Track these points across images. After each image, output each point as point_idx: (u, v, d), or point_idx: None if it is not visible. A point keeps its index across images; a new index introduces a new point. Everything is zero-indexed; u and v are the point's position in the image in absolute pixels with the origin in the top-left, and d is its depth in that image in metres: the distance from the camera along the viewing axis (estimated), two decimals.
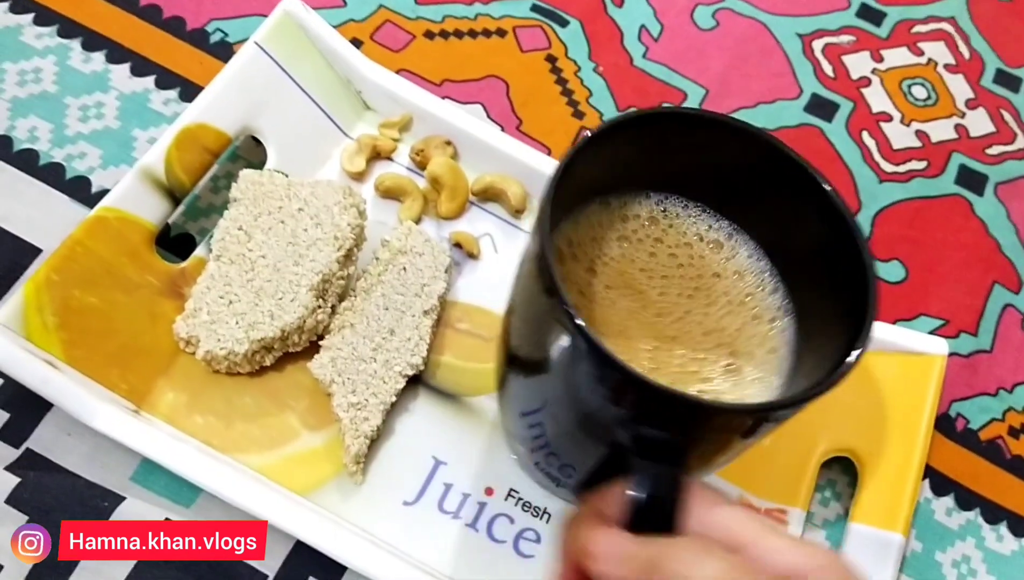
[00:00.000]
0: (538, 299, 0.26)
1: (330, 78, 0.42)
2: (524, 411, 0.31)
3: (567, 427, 0.30)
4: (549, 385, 0.28)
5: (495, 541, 0.34)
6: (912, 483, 0.36)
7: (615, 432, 0.29)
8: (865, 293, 0.27)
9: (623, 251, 0.31)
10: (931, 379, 0.39)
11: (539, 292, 0.26)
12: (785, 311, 0.30)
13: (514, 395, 0.32)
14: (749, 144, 0.29)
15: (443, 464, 0.35)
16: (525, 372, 0.30)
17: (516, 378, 0.31)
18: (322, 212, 0.36)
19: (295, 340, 0.35)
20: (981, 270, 0.46)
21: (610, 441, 0.29)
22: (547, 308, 0.25)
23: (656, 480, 0.26)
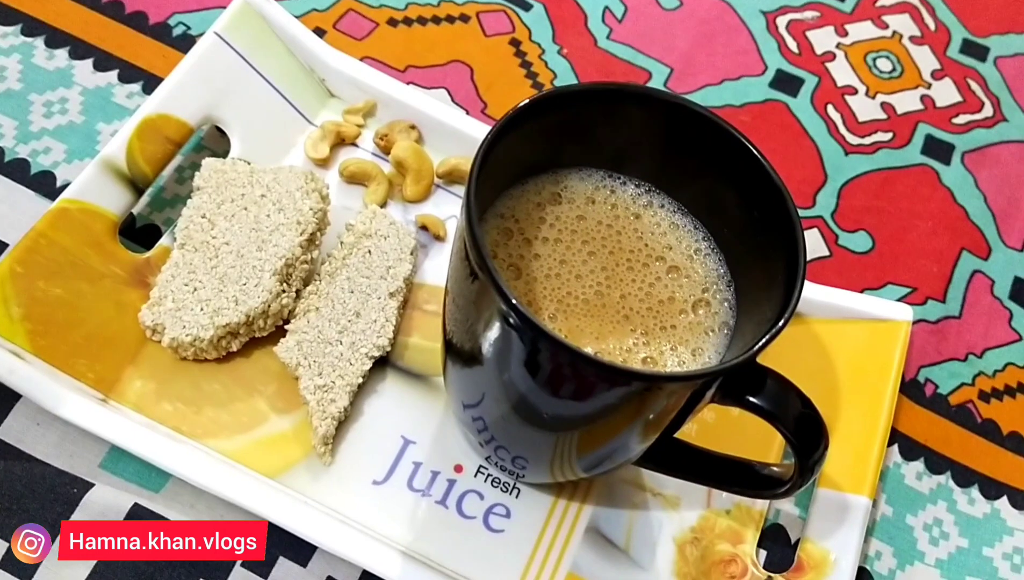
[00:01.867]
0: (468, 279, 0.26)
1: (292, 67, 0.42)
2: (466, 403, 0.31)
3: (511, 419, 0.30)
4: (487, 374, 0.29)
5: (464, 517, 0.34)
6: (878, 446, 0.36)
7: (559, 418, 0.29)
8: (795, 260, 0.27)
9: (561, 230, 0.31)
10: (896, 344, 0.39)
11: (468, 272, 0.26)
12: (726, 285, 0.31)
13: (455, 386, 0.32)
14: (678, 115, 0.30)
15: (412, 443, 0.35)
16: (463, 361, 0.30)
17: (455, 367, 0.31)
18: (284, 198, 0.36)
19: (261, 325, 0.35)
20: (949, 238, 0.46)
21: (555, 427, 0.30)
22: (478, 288, 0.26)
23: None
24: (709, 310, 0.30)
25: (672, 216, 0.32)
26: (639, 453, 0.31)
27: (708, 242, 0.32)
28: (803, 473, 0.28)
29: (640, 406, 0.27)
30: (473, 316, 0.28)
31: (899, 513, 0.38)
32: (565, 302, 0.30)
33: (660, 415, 0.28)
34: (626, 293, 0.30)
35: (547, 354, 0.26)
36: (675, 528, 0.35)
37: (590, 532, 0.35)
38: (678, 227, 0.32)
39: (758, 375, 0.28)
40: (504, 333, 0.26)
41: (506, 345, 0.27)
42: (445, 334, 0.31)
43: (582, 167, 0.32)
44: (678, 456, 0.32)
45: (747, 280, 0.30)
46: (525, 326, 0.25)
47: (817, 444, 0.27)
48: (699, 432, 0.37)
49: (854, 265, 0.45)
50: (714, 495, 0.36)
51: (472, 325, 0.28)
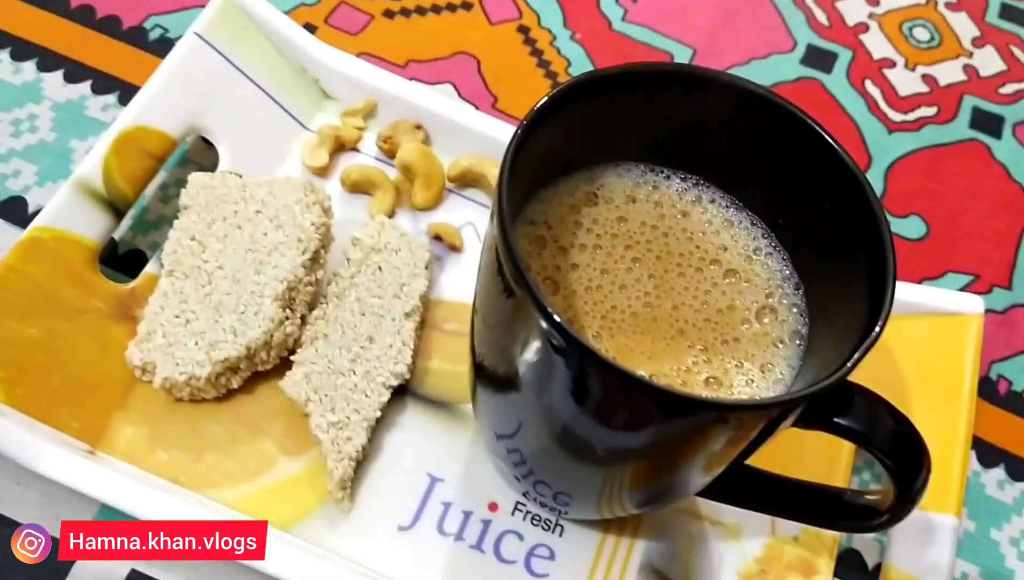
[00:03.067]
0: (501, 295, 0.22)
1: (282, 67, 0.38)
2: (500, 434, 0.28)
3: (552, 451, 0.26)
4: (525, 401, 0.25)
5: (504, 562, 0.30)
6: (960, 457, 0.32)
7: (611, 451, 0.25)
8: (883, 256, 0.23)
9: (600, 234, 0.27)
10: (968, 340, 0.35)
11: (501, 287, 0.22)
12: (793, 288, 0.27)
13: (487, 414, 0.28)
14: (732, 98, 0.26)
15: (440, 481, 0.31)
16: (496, 387, 0.26)
17: (487, 394, 0.27)
18: (282, 213, 0.33)
19: (263, 357, 0.31)
20: (1009, 218, 0.43)
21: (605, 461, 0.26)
22: (513, 305, 0.22)
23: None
24: (776, 318, 0.27)
25: (725, 212, 0.28)
26: (702, 486, 0.27)
27: (768, 240, 0.28)
28: (904, 502, 0.24)
29: (706, 437, 0.23)
30: (507, 337, 0.24)
31: (982, 527, 0.34)
32: (610, 317, 0.26)
33: (728, 446, 0.24)
34: (679, 303, 0.26)
35: (596, 380, 0.22)
36: (738, 560, 0.32)
37: (644, 570, 0.31)
38: (732, 224, 0.28)
39: (843, 393, 0.24)
40: (545, 356, 0.22)
41: (547, 369, 0.23)
42: (474, 357, 0.27)
43: (619, 162, 0.28)
44: (746, 484, 0.28)
45: (818, 281, 0.26)
46: (570, 348, 0.21)
47: (919, 468, 0.24)
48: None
49: (908, 253, 0.41)
50: (779, 521, 0.32)
51: (507, 347, 0.24)
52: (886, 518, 0.25)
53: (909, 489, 0.24)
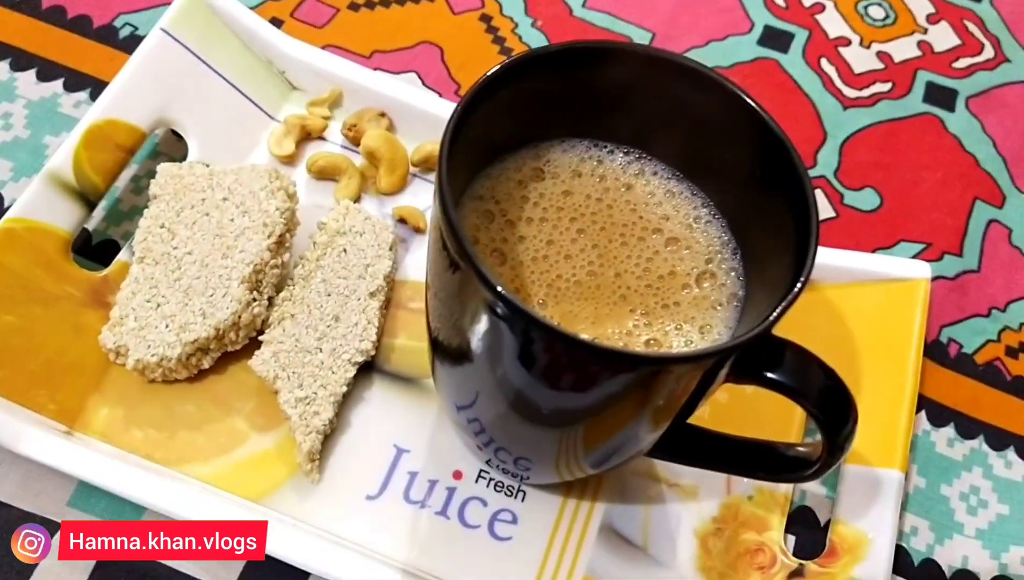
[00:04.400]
0: (448, 270, 0.23)
1: (249, 60, 0.39)
2: (460, 405, 0.29)
3: (509, 417, 0.28)
4: (479, 371, 0.26)
5: (468, 527, 0.32)
6: (906, 415, 0.34)
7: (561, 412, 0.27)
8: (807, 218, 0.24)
9: (546, 208, 0.28)
10: (916, 304, 0.36)
11: (448, 262, 0.23)
12: (731, 253, 0.28)
13: (446, 387, 0.30)
14: (667, 73, 0.27)
15: (406, 452, 0.33)
16: (451, 359, 0.27)
17: (444, 367, 0.28)
18: (248, 199, 0.34)
19: (232, 338, 0.32)
20: (960, 188, 0.44)
21: (557, 422, 0.27)
22: (460, 278, 0.23)
23: None
24: (715, 282, 0.28)
25: (667, 183, 0.29)
26: (650, 443, 0.29)
27: (708, 208, 0.29)
28: (833, 452, 0.25)
29: (648, 393, 0.25)
30: (458, 310, 0.25)
31: (933, 484, 0.35)
32: (555, 286, 0.27)
33: (670, 400, 0.26)
34: (621, 271, 0.28)
35: (541, 344, 0.23)
36: (695, 520, 0.33)
37: (604, 531, 0.32)
38: (674, 195, 0.29)
39: (775, 348, 0.25)
40: (493, 325, 0.24)
41: (496, 338, 0.24)
42: (430, 332, 0.29)
43: (564, 138, 0.29)
44: (693, 443, 0.30)
45: (754, 246, 0.28)
46: (515, 316, 0.22)
47: (846, 419, 0.25)
48: (712, 414, 0.35)
49: (863, 224, 0.42)
50: (734, 481, 0.34)
51: (457, 320, 0.26)
52: (817, 467, 0.26)
53: (836, 439, 0.25)
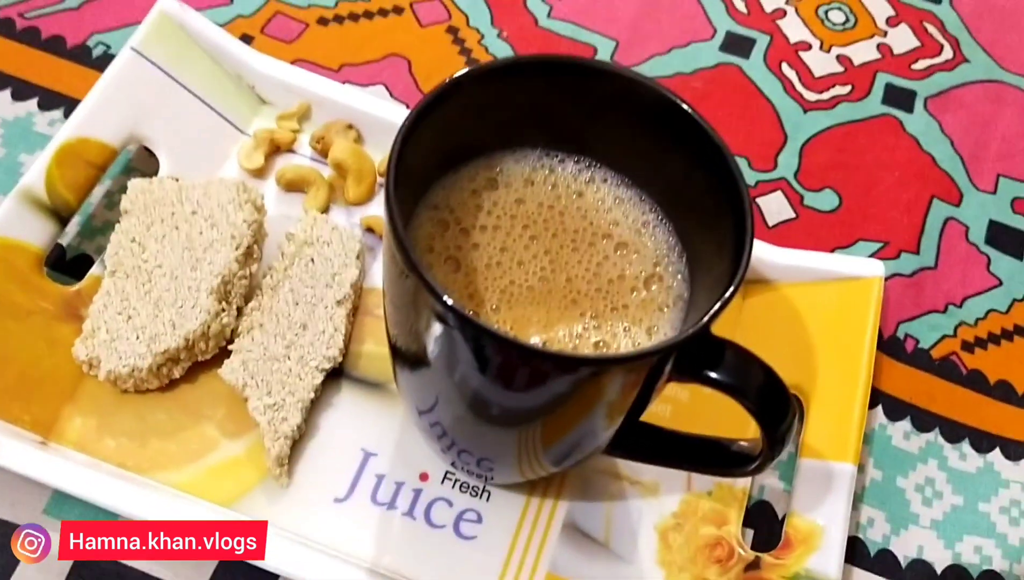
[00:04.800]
0: (400, 278, 0.24)
1: (218, 76, 0.40)
2: (421, 409, 0.30)
3: (467, 420, 0.29)
4: (436, 376, 0.27)
5: (434, 527, 0.33)
6: (859, 409, 0.35)
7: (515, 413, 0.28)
8: (742, 220, 0.25)
9: (499, 216, 0.29)
10: (870, 302, 0.37)
11: (399, 271, 0.24)
12: (678, 256, 0.29)
13: (407, 392, 0.31)
14: (609, 83, 0.28)
15: (373, 455, 0.34)
16: (410, 365, 0.28)
17: (403, 373, 0.29)
18: (216, 212, 0.35)
19: (202, 347, 0.33)
20: (917, 187, 0.45)
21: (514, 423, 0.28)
22: (412, 287, 0.24)
23: None
24: (662, 285, 0.29)
25: (616, 190, 0.30)
26: (606, 440, 0.30)
27: (656, 214, 0.30)
28: (772, 446, 0.26)
29: (595, 392, 0.26)
30: (412, 317, 0.26)
31: (889, 476, 0.36)
32: (508, 292, 0.28)
33: (619, 399, 0.27)
34: (572, 276, 0.29)
35: (490, 350, 0.24)
36: (656, 515, 0.34)
37: (567, 528, 0.33)
38: (624, 201, 0.30)
39: (715, 348, 0.26)
40: (444, 332, 0.25)
41: (448, 344, 0.25)
42: (389, 338, 0.30)
43: (517, 148, 0.30)
44: (647, 440, 0.31)
45: (698, 249, 0.29)
46: (461, 323, 0.23)
47: (783, 415, 0.26)
48: (674, 413, 0.36)
49: (822, 224, 0.43)
50: (694, 478, 0.35)
51: (412, 326, 0.27)
52: (759, 462, 0.27)
53: (775, 434, 0.26)
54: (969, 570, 0.34)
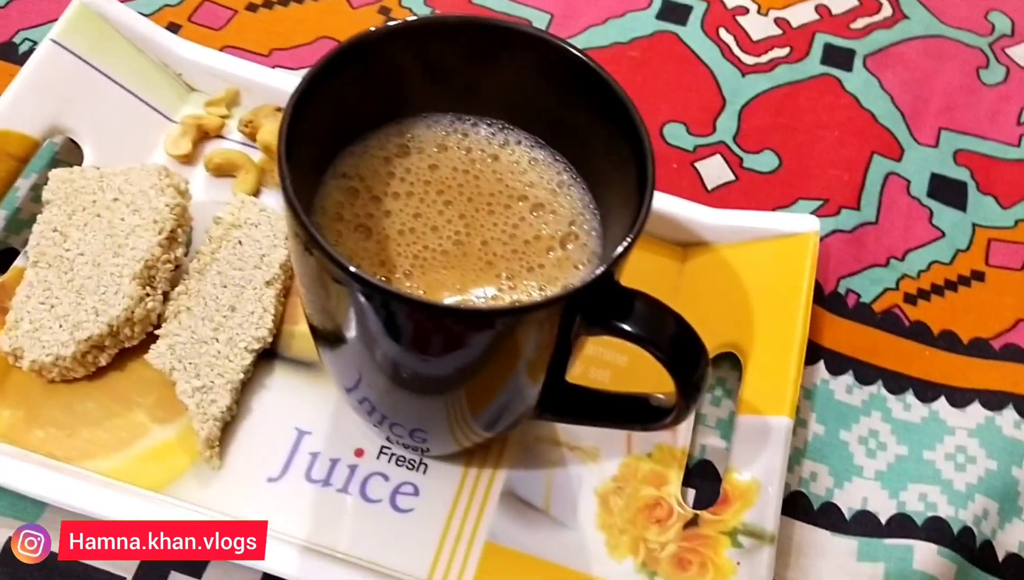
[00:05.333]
0: (304, 254, 0.24)
1: (144, 65, 0.40)
2: (347, 386, 0.30)
3: (392, 392, 0.29)
4: (354, 351, 0.27)
5: (369, 501, 0.32)
6: (794, 363, 0.34)
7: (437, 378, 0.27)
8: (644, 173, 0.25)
9: (412, 182, 0.29)
10: (806, 257, 0.37)
11: (302, 247, 0.24)
12: (592, 214, 0.29)
13: (332, 370, 0.30)
14: (513, 42, 0.28)
15: (308, 434, 0.33)
16: (328, 343, 0.28)
17: (325, 351, 0.29)
18: (139, 198, 0.34)
19: (128, 333, 0.33)
20: (857, 144, 0.45)
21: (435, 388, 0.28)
22: (315, 261, 0.24)
23: None
24: (578, 242, 0.29)
25: (531, 151, 0.30)
26: (532, 400, 0.29)
27: (571, 173, 0.30)
28: (686, 396, 0.26)
29: (508, 348, 0.25)
30: (320, 291, 0.26)
31: (832, 431, 0.36)
32: (421, 257, 0.28)
33: (535, 354, 0.26)
34: (488, 238, 0.28)
35: (393, 311, 0.24)
36: (596, 480, 0.34)
37: (507, 497, 0.33)
38: (538, 162, 0.30)
39: (626, 299, 0.26)
40: (350, 300, 0.24)
41: (357, 313, 0.25)
42: (307, 318, 0.29)
43: (428, 113, 0.30)
44: (574, 401, 0.30)
45: (611, 204, 0.29)
46: (362, 286, 0.23)
47: (695, 364, 0.26)
48: (613, 378, 0.36)
49: (762, 186, 0.43)
50: (634, 441, 0.34)
51: (322, 301, 0.26)
52: (675, 413, 0.27)
53: (688, 382, 0.26)
54: (914, 518, 0.34)
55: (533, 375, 0.28)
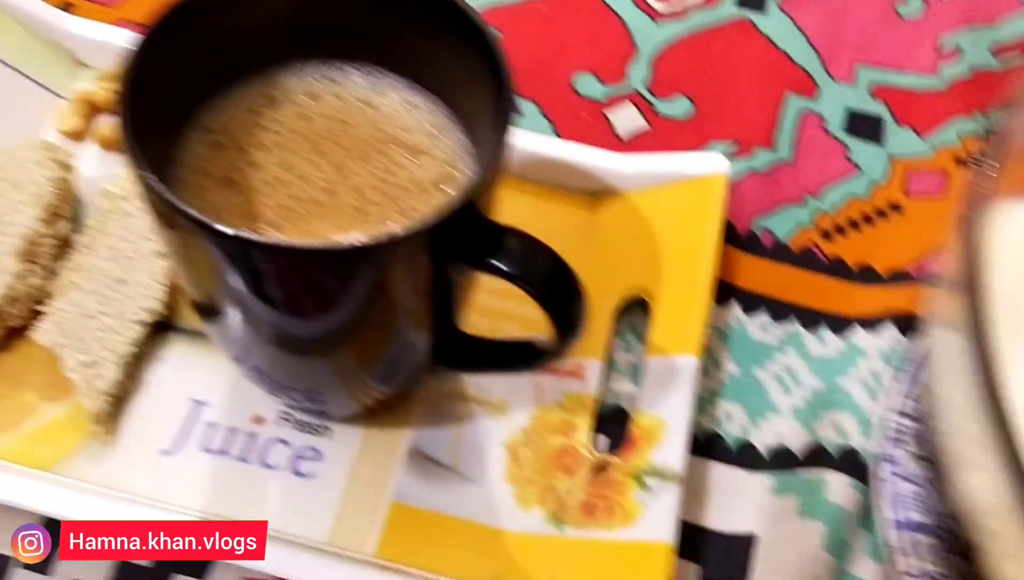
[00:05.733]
0: (158, 219, 0.23)
1: (30, 42, 0.39)
2: (235, 357, 0.29)
3: (278, 359, 0.28)
4: (227, 320, 0.26)
5: (269, 468, 0.32)
6: (701, 303, 0.34)
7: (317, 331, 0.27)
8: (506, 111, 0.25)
9: (281, 133, 0.28)
10: (713, 197, 0.37)
11: (156, 211, 0.23)
12: (470, 156, 0.28)
13: (217, 342, 0.30)
14: None
15: (205, 405, 0.33)
16: (207, 315, 0.27)
17: (207, 324, 0.29)
18: (21, 174, 0.33)
19: (12, 312, 0.32)
20: (771, 83, 0.44)
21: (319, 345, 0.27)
22: (152, 205, 0.23)
23: None
24: (455, 185, 0.28)
25: (407, 95, 0.29)
26: (424, 350, 0.29)
27: (448, 115, 0.29)
28: (563, 333, 0.25)
29: (376, 293, 0.25)
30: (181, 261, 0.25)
31: (746, 370, 0.36)
32: (289, 208, 0.27)
33: (411, 299, 0.26)
34: (361, 186, 0.28)
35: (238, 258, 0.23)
36: (505, 433, 0.33)
37: (414, 456, 0.32)
38: (415, 106, 0.29)
39: (497, 235, 0.25)
40: (197, 254, 0.24)
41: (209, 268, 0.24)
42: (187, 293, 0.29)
43: (295, 61, 0.29)
44: (467, 350, 0.30)
45: (484, 146, 0.28)
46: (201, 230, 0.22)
47: (570, 300, 0.25)
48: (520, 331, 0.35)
49: (675, 132, 0.42)
50: (544, 391, 0.34)
51: (187, 271, 0.26)
52: (552, 353, 0.26)
53: (562, 322, 0.25)
54: (828, 449, 0.33)
55: (417, 322, 0.27)
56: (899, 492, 0.28)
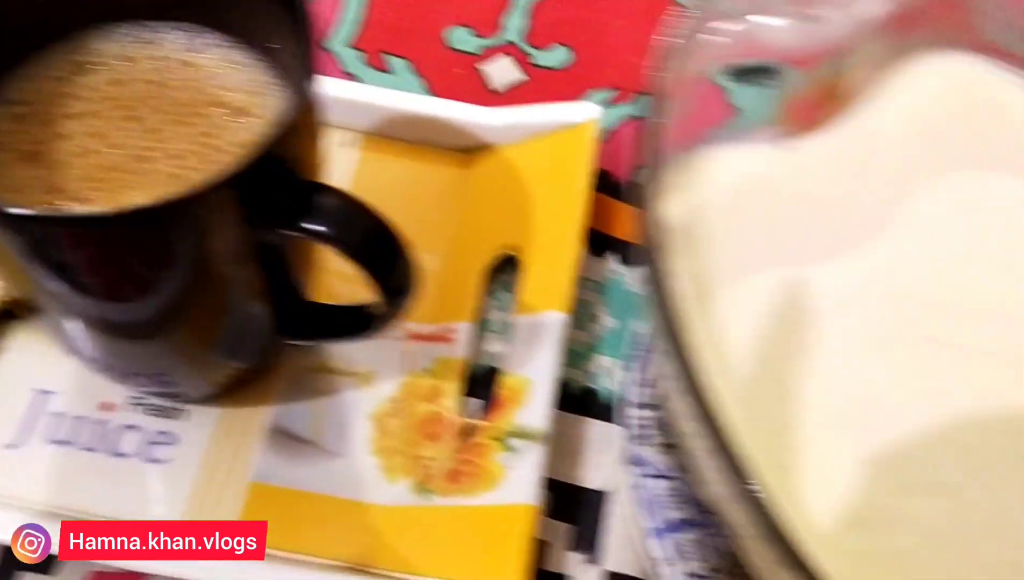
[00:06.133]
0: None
1: None
2: (72, 350, 0.27)
3: (112, 345, 0.26)
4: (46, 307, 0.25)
5: (119, 456, 0.30)
6: (569, 255, 0.33)
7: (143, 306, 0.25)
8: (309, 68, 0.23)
9: (92, 100, 0.26)
10: (584, 146, 0.35)
11: None
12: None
13: (53, 338, 0.28)
14: None
15: (51, 394, 0.31)
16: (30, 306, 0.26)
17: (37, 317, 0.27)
18: None
19: None
20: (652, 28, 0.42)
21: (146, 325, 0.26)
22: None
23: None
24: None
25: (229, 54, 0.28)
26: (265, 322, 0.27)
27: (271, 74, 0.27)
28: (390, 299, 0.24)
29: (184, 260, 0.23)
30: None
31: (624, 323, 0.35)
32: (99, 177, 0.25)
33: (228, 267, 0.24)
34: (178, 151, 0.26)
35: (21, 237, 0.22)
36: (371, 404, 0.32)
37: (275, 434, 0.31)
38: (237, 66, 0.27)
39: (308, 193, 0.24)
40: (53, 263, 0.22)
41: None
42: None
43: (107, 24, 0.27)
44: (309, 319, 0.28)
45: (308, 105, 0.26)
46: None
47: (393, 262, 0.24)
48: None
49: (554, 82, 0.41)
50: (411, 358, 0.33)
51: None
52: (382, 316, 0.25)
53: (388, 287, 0.24)
54: None
55: (250, 293, 0.26)
56: (654, 494, 0.28)
